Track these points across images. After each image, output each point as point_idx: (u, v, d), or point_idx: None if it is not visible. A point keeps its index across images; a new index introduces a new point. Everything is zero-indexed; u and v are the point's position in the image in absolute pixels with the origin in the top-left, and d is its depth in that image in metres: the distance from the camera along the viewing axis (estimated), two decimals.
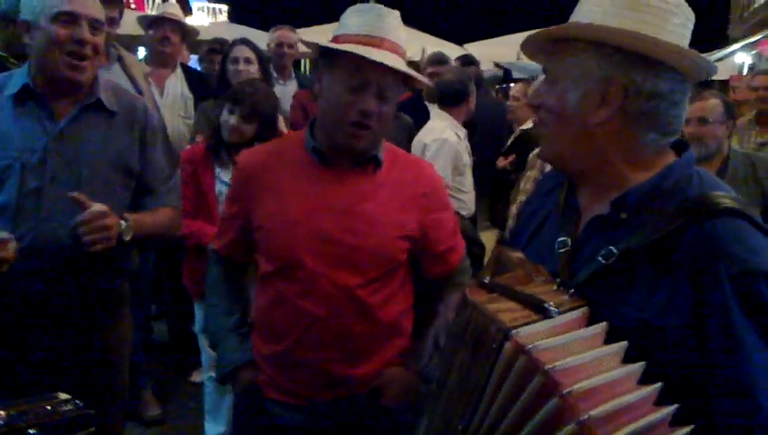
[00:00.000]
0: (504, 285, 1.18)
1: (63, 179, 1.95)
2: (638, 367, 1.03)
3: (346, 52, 1.67)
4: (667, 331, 1.06)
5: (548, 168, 4.63)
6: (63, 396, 1.36)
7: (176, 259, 4.11)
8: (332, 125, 1.76)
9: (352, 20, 1.76)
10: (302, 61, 12.79)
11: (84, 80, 1.98)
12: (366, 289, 1.79)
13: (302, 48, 4.82)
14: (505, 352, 1.03)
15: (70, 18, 1.91)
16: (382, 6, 1.78)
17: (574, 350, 1.02)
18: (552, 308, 1.07)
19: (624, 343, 1.05)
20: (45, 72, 1.97)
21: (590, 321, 1.10)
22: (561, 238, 1.24)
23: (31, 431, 1.23)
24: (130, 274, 2.24)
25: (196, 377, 3.91)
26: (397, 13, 1.79)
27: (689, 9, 1.18)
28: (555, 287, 1.17)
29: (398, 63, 1.70)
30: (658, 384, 1.01)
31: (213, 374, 2.90)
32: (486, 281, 1.21)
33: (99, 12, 1.99)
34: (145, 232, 2.05)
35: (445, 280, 1.96)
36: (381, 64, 1.66)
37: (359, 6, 1.83)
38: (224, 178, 2.96)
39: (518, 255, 1.27)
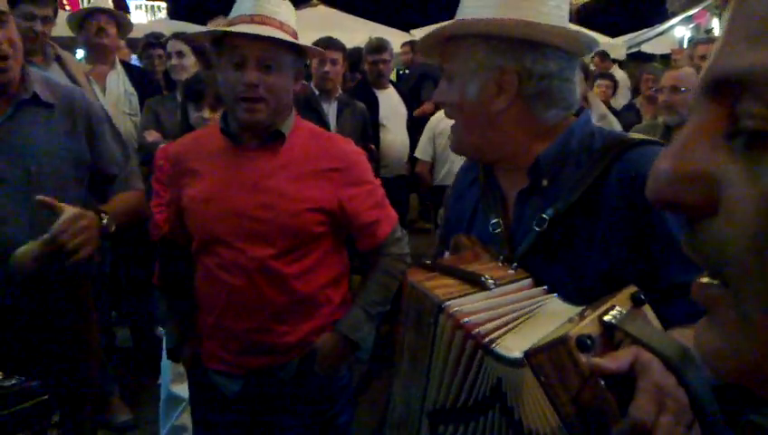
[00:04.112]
0: (446, 265, 1.22)
1: (13, 179, 1.87)
2: (539, 290, 1.10)
3: (224, 31, 1.82)
4: (617, 271, 1.10)
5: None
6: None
7: (133, 262, 4.04)
8: (230, 105, 1.88)
9: (239, 4, 1.88)
10: None
11: (11, 78, 1.88)
12: (279, 260, 1.88)
13: None
14: (440, 324, 1.06)
15: None
16: None
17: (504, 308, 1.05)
18: (489, 281, 1.09)
19: (543, 287, 1.11)
20: None
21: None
22: (493, 221, 1.29)
23: None
24: (91, 274, 2.18)
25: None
26: None
27: None
28: (499, 264, 1.20)
29: (272, 33, 1.79)
30: (543, 287, 1.10)
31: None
32: (428, 262, 1.24)
33: (1, 3, 1.85)
34: (122, 220, 2.01)
35: (375, 252, 2.04)
36: (255, 36, 1.77)
37: None
38: None
39: (472, 240, 1.31)
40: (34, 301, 1.95)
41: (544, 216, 1.17)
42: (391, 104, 5.03)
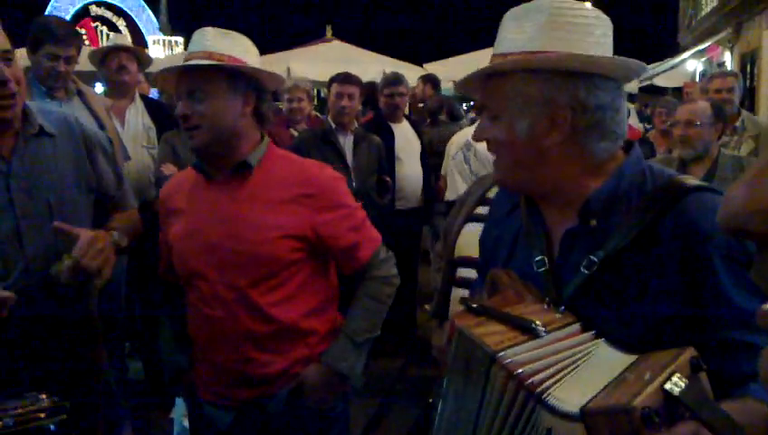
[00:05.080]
0: (493, 308, 1.17)
1: (35, 213, 1.90)
2: (588, 335, 1.07)
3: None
4: (668, 318, 1.08)
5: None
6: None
7: (147, 294, 4.05)
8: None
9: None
10: None
11: (15, 115, 1.90)
12: (256, 289, 1.89)
13: None
14: (492, 375, 1.04)
15: None
16: (207, 28, 1.95)
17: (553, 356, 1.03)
18: (540, 328, 1.07)
19: (591, 333, 1.08)
20: None
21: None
22: (537, 258, 1.25)
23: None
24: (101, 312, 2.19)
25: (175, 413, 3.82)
26: (214, 30, 1.94)
27: (605, 17, 1.21)
28: (545, 306, 1.17)
29: (191, 63, 1.86)
30: (591, 332, 1.07)
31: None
32: (474, 305, 1.20)
33: (5, 42, 1.86)
34: (129, 235, 2.05)
35: (360, 275, 2.04)
36: (176, 70, 1.89)
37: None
38: None
39: (510, 275, 1.27)
40: (41, 337, 1.95)
41: (593, 258, 1.14)
42: (406, 137, 5.06)
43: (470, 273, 2.22)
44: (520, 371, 1.00)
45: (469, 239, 2.23)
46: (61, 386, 1.97)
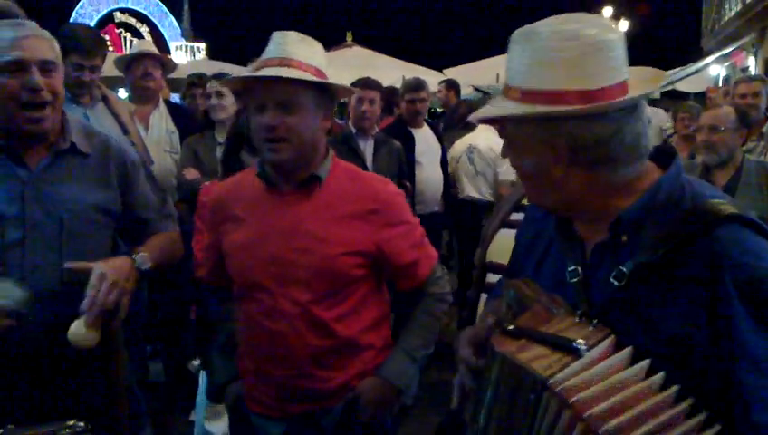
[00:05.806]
0: (529, 328, 1.16)
1: (45, 227, 1.90)
2: (657, 378, 1.04)
3: (241, 78, 1.88)
4: (689, 341, 1.07)
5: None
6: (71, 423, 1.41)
7: (169, 297, 4.09)
8: (258, 147, 1.91)
9: (266, 49, 1.88)
10: None
11: (48, 128, 1.90)
12: (320, 305, 1.87)
13: None
14: (544, 401, 1.03)
15: (18, 66, 1.81)
16: (287, 32, 1.89)
17: (602, 380, 1.03)
18: (582, 347, 1.06)
19: (646, 362, 1.06)
20: (6, 126, 1.88)
21: (618, 347, 1.10)
22: (571, 268, 1.24)
23: None
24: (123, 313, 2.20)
25: (195, 416, 3.84)
26: (294, 34, 1.88)
27: (612, 38, 1.14)
28: (577, 319, 1.16)
29: (287, 73, 1.79)
30: (674, 388, 1.02)
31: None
32: (511, 328, 1.18)
33: (48, 52, 1.88)
34: (157, 259, 2.02)
35: (416, 292, 2.02)
36: (271, 78, 1.79)
37: (272, 36, 1.91)
38: None
39: (533, 287, 1.27)
40: (60, 343, 1.97)
41: (623, 269, 1.13)
42: (427, 142, 5.06)
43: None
44: (575, 398, 0.99)
45: (502, 245, 2.22)
46: (78, 401, 1.99)
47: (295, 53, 1.83)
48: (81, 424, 1.47)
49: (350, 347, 1.93)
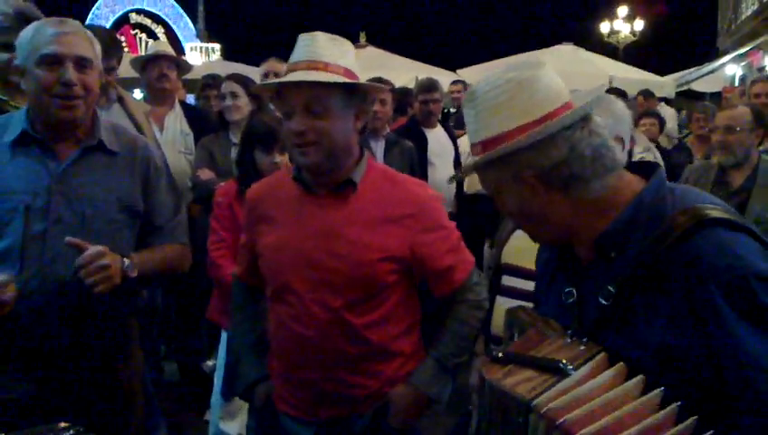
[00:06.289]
0: (518, 353, 1.20)
1: (68, 221, 1.94)
2: (654, 395, 1.03)
3: (262, 85, 1.86)
4: (677, 349, 1.09)
5: None
6: (64, 425, 1.42)
7: (183, 297, 4.12)
8: (289, 152, 1.90)
9: (293, 52, 1.85)
10: None
11: (79, 116, 1.96)
12: (352, 311, 1.84)
13: None
14: (532, 423, 1.04)
15: (54, 60, 1.88)
16: (315, 33, 1.84)
17: (592, 398, 1.03)
18: (568, 366, 1.08)
19: (640, 378, 1.06)
20: (41, 116, 1.95)
21: (610, 364, 1.10)
22: (567, 290, 1.28)
23: None
24: (138, 311, 2.22)
25: (210, 416, 3.86)
26: (322, 35, 1.84)
27: (534, 72, 1.22)
28: (569, 341, 1.18)
29: (315, 77, 1.75)
30: (674, 406, 1.02)
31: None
32: (500, 355, 1.22)
33: (85, 50, 1.95)
34: (150, 269, 2.04)
35: (451, 298, 1.98)
36: (296, 84, 1.76)
37: (299, 38, 1.86)
38: None
39: (528, 313, 1.32)
40: (77, 337, 1.99)
41: (611, 288, 1.16)
42: (440, 142, 5.06)
43: (514, 281, 2.21)
44: (562, 420, 0.99)
45: (516, 247, 2.22)
46: (93, 399, 2.02)
47: (323, 54, 1.79)
48: (79, 428, 1.49)
49: (382, 353, 1.91)
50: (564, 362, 1.08)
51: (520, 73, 1.21)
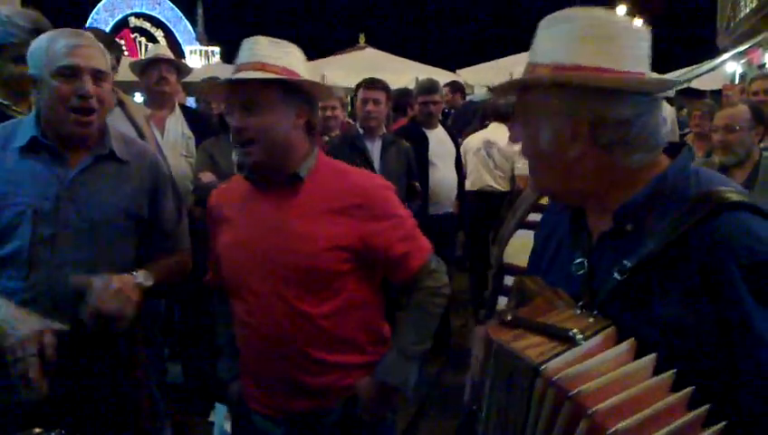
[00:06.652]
0: (527, 318, 1.17)
1: (76, 226, 1.97)
2: (668, 376, 1.02)
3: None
4: (690, 332, 1.07)
5: None
6: (38, 430, 1.43)
7: (186, 298, 4.12)
8: (234, 152, 1.93)
9: (238, 56, 1.92)
10: None
11: (92, 133, 1.99)
12: (307, 302, 1.87)
13: None
14: (537, 388, 1.03)
15: (71, 72, 1.90)
16: (257, 37, 1.92)
17: (603, 372, 1.01)
18: (578, 335, 1.06)
19: (653, 356, 1.05)
20: (53, 127, 1.97)
21: (619, 339, 1.09)
22: (577, 261, 1.25)
23: None
24: (143, 315, 2.22)
25: (215, 417, 3.86)
26: (264, 38, 1.91)
27: (640, 29, 1.19)
28: (578, 311, 1.16)
29: (245, 75, 1.82)
30: (689, 389, 1.01)
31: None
32: (509, 318, 1.20)
33: (101, 63, 1.98)
34: (159, 278, 2.07)
35: (410, 285, 2.00)
36: (232, 81, 1.85)
37: (243, 42, 1.93)
38: None
39: (536, 282, 1.28)
40: (84, 341, 1.99)
41: (627, 263, 1.13)
42: (441, 143, 5.08)
43: None
44: (576, 391, 0.98)
45: (518, 247, 2.21)
46: (99, 401, 2.04)
47: (263, 55, 1.86)
48: (61, 431, 1.51)
49: (344, 344, 1.94)
50: (575, 331, 1.07)
51: (629, 22, 1.17)
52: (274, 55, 1.87)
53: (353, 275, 1.93)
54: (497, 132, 5.38)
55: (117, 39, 7.17)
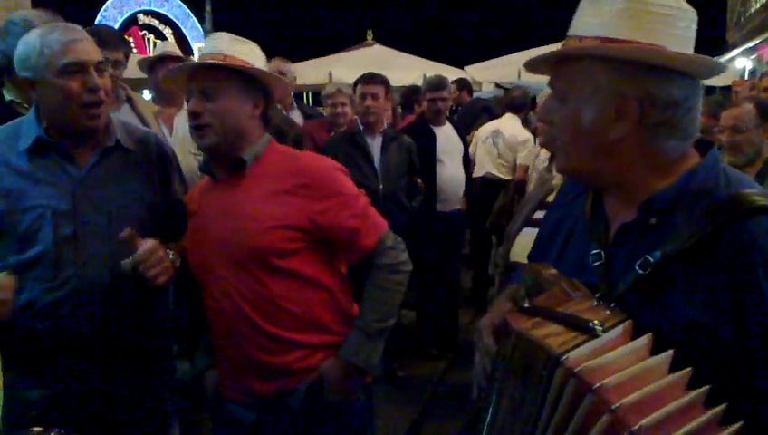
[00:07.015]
0: (545, 307, 1.16)
1: (96, 222, 1.99)
2: (685, 374, 1.02)
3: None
4: (708, 332, 1.06)
5: None
6: (37, 430, 1.46)
7: (194, 294, 4.12)
8: (192, 136, 2.04)
9: (203, 49, 2.06)
10: (304, 93, 12.94)
11: (101, 125, 2.00)
12: (260, 282, 1.93)
13: (300, 80, 4.71)
14: (557, 378, 1.02)
15: (77, 68, 1.90)
16: (221, 33, 2.05)
17: (623, 366, 1.01)
18: (597, 327, 1.05)
19: (670, 352, 1.04)
20: (61, 125, 1.97)
21: (635, 332, 1.08)
22: (594, 251, 1.22)
23: None
24: (169, 309, 2.26)
25: None
26: (226, 34, 2.03)
27: (691, 9, 1.16)
28: (595, 303, 1.15)
29: (205, 61, 1.95)
30: (706, 387, 1.00)
31: None
32: (527, 305, 1.18)
33: (98, 53, 2.00)
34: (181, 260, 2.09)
35: (367, 263, 2.03)
36: (192, 65, 2.00)
37: (207, 37, 2.06)
38: None
39: (552, 271, 1.25)
40: (111, 335, 2.03)
41: (650, 258, 1.11)
42: (449, 140, 5.06)
43: None
44: (598, 384, 0.97)
45: (525, 245, 2.21)
46: (125, 396, 2.10)
47: (224, 49, 1.97)
48: (60, 431, 1.53)
49: (306, 323, 1.97)
50: (595, 323, 1.06)
51: (681, 1, 1.14)
52: (237, 50, 1.98)
53: (305, 254, 1.96)
54: (508, 123, 5.67)
55: (125, 36, 7.19)
